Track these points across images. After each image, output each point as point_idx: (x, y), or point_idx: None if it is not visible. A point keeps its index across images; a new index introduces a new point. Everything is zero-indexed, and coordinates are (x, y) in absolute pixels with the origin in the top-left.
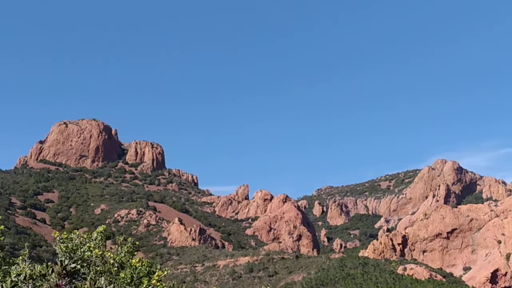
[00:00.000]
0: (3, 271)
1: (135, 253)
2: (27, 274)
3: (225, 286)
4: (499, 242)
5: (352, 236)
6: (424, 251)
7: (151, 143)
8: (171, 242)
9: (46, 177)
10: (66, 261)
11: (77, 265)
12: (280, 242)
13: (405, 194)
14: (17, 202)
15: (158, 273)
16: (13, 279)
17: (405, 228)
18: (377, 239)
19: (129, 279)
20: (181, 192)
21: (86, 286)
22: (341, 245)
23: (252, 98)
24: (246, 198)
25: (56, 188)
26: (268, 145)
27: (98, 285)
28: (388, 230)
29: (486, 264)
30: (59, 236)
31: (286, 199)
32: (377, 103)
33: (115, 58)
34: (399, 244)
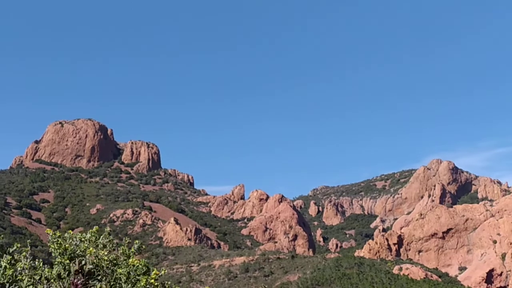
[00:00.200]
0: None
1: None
2: (43, 276)
3: (221, 286)
4: (495, 242)
5: (348, 236)
6: (420, 251)
7: (147, 143)
8: (167, 242)
9: (42, 177)
10: (83, 261)
11: (92, 267)
12: (276, 242)
13: (401, 194)
14: (13, 202)
15: (156, 272)
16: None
17: (401, 228)
18: (373, 239)
19: (125, 277)
20: (177, 192)
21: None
22: (337, 245)
23: (248, 98)
24: (242, 198)
25: (52, 188)
26: (264, 145)
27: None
28: (384, 230)
29: (482, 264)
30: (52, 234)
31: (282, 199)
32: (373, 103)
33: (111, 58)
34: (395, 244)
